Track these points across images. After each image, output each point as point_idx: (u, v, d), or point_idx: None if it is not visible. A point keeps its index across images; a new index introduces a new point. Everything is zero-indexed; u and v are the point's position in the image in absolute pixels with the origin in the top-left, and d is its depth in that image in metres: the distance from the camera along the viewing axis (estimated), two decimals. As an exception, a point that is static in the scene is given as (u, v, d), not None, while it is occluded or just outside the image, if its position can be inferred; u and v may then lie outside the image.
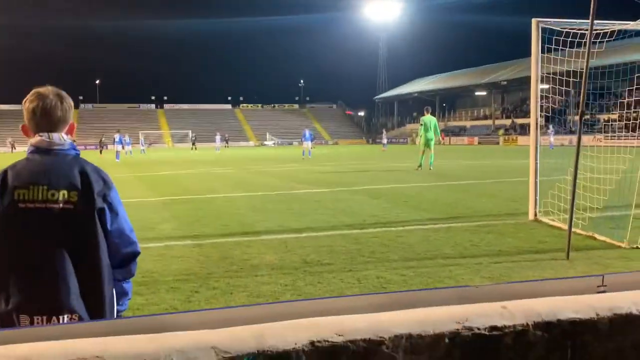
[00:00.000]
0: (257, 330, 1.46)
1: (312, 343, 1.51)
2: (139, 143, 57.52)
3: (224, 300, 4.93)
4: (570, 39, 8.12)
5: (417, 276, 5.58)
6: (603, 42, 7.59)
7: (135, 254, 2.44)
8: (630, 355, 1.84)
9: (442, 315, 1.73)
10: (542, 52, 8.77)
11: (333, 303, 1.84)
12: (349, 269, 5.91)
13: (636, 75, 10.60)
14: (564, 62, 8.60)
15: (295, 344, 1.48)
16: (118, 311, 2.43)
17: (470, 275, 5.59)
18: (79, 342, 1.30)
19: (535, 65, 8.83)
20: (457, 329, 1.72)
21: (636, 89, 8.08)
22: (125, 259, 2.39)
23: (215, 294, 5.14)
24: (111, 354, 1.26)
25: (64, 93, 2.36)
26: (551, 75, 9.10)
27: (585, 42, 7.73)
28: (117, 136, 40.81)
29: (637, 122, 10.28)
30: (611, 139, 10.83)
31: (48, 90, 2.32)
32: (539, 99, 8.92)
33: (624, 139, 10.31)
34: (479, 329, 1.70)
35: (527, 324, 1.72)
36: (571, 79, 8.96)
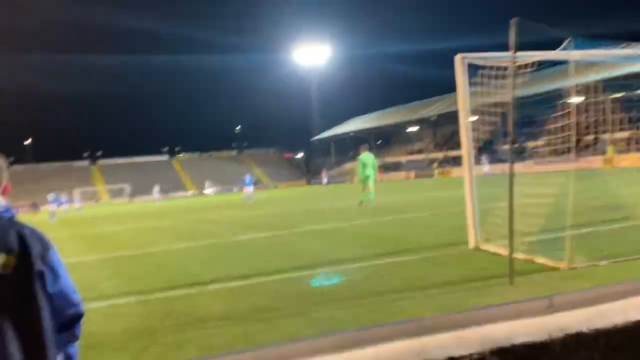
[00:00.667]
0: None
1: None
2: (74, 201, 55.79)
3: (173, 357, 4.78)
4: (495, 72, 8.49)
5: (369, 313, 5.58)
6: (526, 72, 7.96)
7: (79, 315, 2.33)
8: (584, 373, 1.88)
9: (399, 349, 1.73)
10: (468, 86, 9.12)
11: (292, 347, 1.82)
12: (301, 312, 5.85)
13: (557, 102, 11.15)
14: (490, 95, 8.95)
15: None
16: None
17: (420, 307, 5.63)
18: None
19: (462, 98, 9.16)
20: (416, 363, 1.72)
21: (560, 115, 8.47)
22: (68, 322, 2.28)
23: (164, 351, 4.97)
24: None
25: None
26: (480, 108, 9.44)
27: (508, 75, 8.12)
28: (51, 196, 39.59)
29: (564, 146, 10.77)
30: (540, 165, 11.28)
31: None
32: (470, 131, 9.23)
33: (553, 164, 10.76)
34: (437, 360, 1.71)
35: (484, 352, 1.75)
36: (497, 110, 9.34)
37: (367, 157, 22.14)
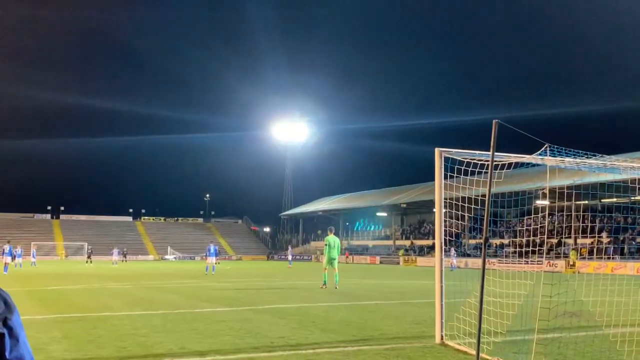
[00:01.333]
0: None
1: None
2: (30, 255, 54.04)
3: None
4: (469, 168, 8.67)
5: (329, 405, 5.36)
6: (502, 172, 8.15)
7: None
8: None
9: None
10: (445, 178, 9.27)
11: None
12: (258, 397, 5.61)
13: (526, 205, 11.36)
14: (462, 189, 9.10)
15: None
16: None
17: (382, 403, 5.45)
18: None
19: (438, 190, 9.28)
20: None
21: (528, 217, 8.60)
22: None
23: None
24: None
25: None
26: (448, 201, 9.57)
27: (482, 172, 8.30)
28: (6, 247, 38.36)
29: (530, 248, 10.91)
30: (505, 264, 11.36)
31: None
32: (443, 223, 9.30)
33: (516, 264, 10.83)
34: None
35: None
36: (467, 205, 9.48)
37: (333, 239, 22.20)
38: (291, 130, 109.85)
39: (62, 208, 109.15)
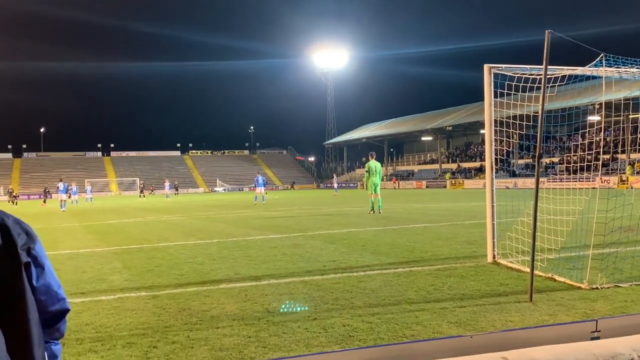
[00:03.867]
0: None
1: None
2: (85, 192, 56.02)
3: (184, 356, 4.68)
4: (520, 84, 8.34)
5: (383, 323, 5.45)
6: (554, 86, 7.83)
7: (65, 311, 2.19)
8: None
9: (442, 369, 1.62)
10: (494, 97, 8.98)
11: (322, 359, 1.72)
12: (314, 317, 5.74)
13: (579, 120, 10.96)
14: (512, 106, 8.81)
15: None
16: None
17: (437, 320, 5.50)
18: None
19: (488, 108, 9.02)
20: (460, 384, 1.61)
21: (577, 133, 8.31)
22: (53, 318, 2.16)
23: (174, 349, 4.87)
24: None
25: None
26: (498, 119, 9.30)
27: (534, 87, 7.98)
28: (61, 185, 39.67)
29: (584, 164, 10.61)
30: (556, 182, 11.10)
31: None
32: (493, 143, 9.08)
33: (569, 182, 10.57)
34: (481, 382, 1.60)
35: (531, 376, 1.63)
36: (518, 122, 9.19)
37: (374, 165, 21.99)
38: (333, 57, 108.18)
39: (112, 145, 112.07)
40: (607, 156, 49.27)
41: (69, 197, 41.70)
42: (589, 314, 5.51)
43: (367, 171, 22.14)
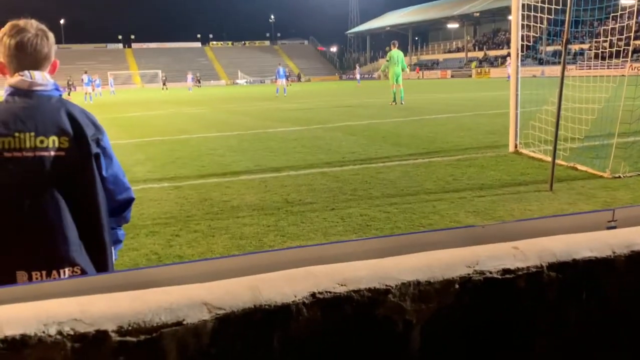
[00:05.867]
0: (251, 283, 1.31)
1: (312, 295, 1.36)
2: (108, 84, 56.04)
3: (205, 244, 4.80)
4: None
5: (400, 212, 5.50)
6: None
7: (131, 199, 2.29)
8: (645, 293, 1.74)
9: (451, 258, 1.60)
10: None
11: (331, 249, 1.70)
12: (332, 208, 5.80)
13: (606, 4, 10.39)
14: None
15: (295, 296, 1.33)
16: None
17: (454, 209, 5.53)
18: (53, 303, 1.13)
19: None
20: (468, 274, 1.59)
21: (608, 18, 7.88)
22: (121, 206, 2.25)
23: (196, 237, 5.00)
24: (91, 316, 1.10)
25: (45, 27, 2.10)
26: (526, 3, 8.85)
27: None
28: (85, 77, 39.59)
29: (613, 50, 10.15)
30: (584, 69, 10.70)
31: (30, 23, 2.03)
32: (520, 28, 8.70)
33: (597, 69, 10.18)
34: (490, 272, 1.58)
35: (541, 265, 1.60)
36: (547, 6, 8.74)
37: (396, 54, 21.38)
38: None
39: (132, 37, 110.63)
40: (639, 42, 47.32)
41: (93, 89, 41.75)
42: (609, 202, 5.49)
43: (388, 60, 21.62)
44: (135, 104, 33.15)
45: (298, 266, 1.42)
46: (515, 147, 8.73)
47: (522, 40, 8.92)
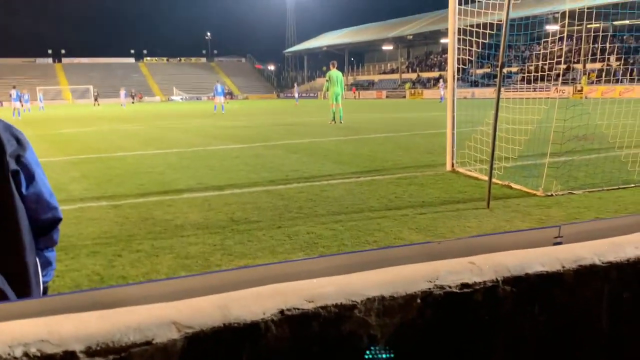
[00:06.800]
0: (220, 301, 1.32)
1: (281, 312, 1.38)
2: (37, 99, 54.06)
3: (149, 264, 4.71)
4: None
5: (346, 230, 5.56)
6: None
7: (57, 220, 2.16)
8: (593, 305, 1.84)
9: (412, 274, 1.65)
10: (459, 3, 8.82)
11: (298, 266, 1.73)
12: (278, 226, 5.81)
13: (538, 29, 10.91)
14: (475, 14, 8.68)
15: (264, 313, 1.34)
16: (44, 282, 2.20)
17: (398, 227, 5.64)
18: (18, 324, 1.10)
19: (452, 16, 8.89)
20: (429, 288, 1.65)
21: (535, 43, 8.28)
22: (45, 226, 2.12)
23: (139, 257, 4.89)
24: (58, 336, 1.08)
25: None
26: (461, 27, 9.18)
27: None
28: (13, 92, 38.02)
29: (538, 74, 10.67)
30: (513, 91, 11.18)
31: None
32: (456, 52, 9.02)
33: (525, 91, 10.66)
34: (450, 287, 1.64)
35: (497, 280, 1.68)
36: (481, 31, 9.10)
37: (335, 74, 21.72)
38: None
39: (63, 51, 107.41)
40: (564, 66, 49.78)
41: (22, 105, 40.20)
42: (544, 220, 5.73)
43: (327, 80, 21.92)
44: (66, 120, 32.13)
45: (266, 283, 1.44)
46: (452, 166, 9.00)
47: (457, 63, 9.24)
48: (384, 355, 1.69)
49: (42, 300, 1.31)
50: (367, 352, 1.71)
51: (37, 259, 2.12)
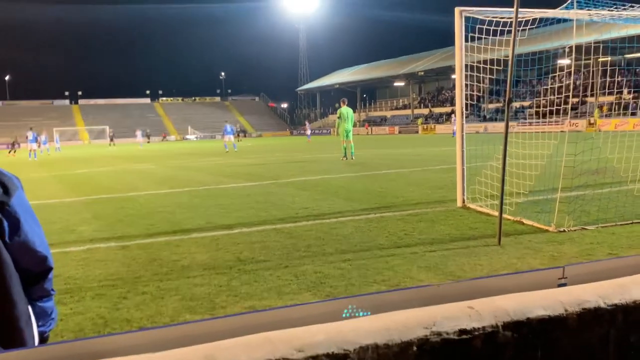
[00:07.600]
0: (207, 351, 1.27)
1: (269, 362, 1.33)
2: (54, 141, 54.89)
3: (154, 306, 4.65)
4: (491, 27, 8.23)
5: (354, 269, 5.48)
6: (525, 29, 7.74)
7: (47, 270, 2.04)
8: (598, 350, 1.77)
9: (408, 320, 1.59)
10: (465, 40, 8.86)
11: (288, 313, 1.67)
12: (285, 265, 5.74)
13: (549, 64, 10.91)
14: (483, 51, 8.71)
15: (251, 364, 1.30)
16: (43, 333, 2.09)
17: (407, 265, 5.55)
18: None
19: (458, 52, 8.92)
20: (426, 335, 1.59)
21: (547, 77, 8.28)
22: (35, 276, 2.02)
23: (145, 300, 4.84)
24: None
25: None
26: (469, 64, 9.21)
27: (505, 31, 7.89)
28: (30, 134, 38.67)
29: (553, 108, 10.62)
30: (525, 126, 11.14)
31: None
32: (464, 88, 9.03)
33: (538, 125, 10.63)
34: (447, 333, 1.58)
35: (497, 325, 1.61)
36: (488, 66, 9.12)
37: (346, 111, 21.90)
38: (304, 0, 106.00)
39: (79, 93, 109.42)
40: (576, 99, 49.70)
41: (39, 146, 40.78)
42: (556, 256, 5.62)
43: (339, 117, 22.07)
44: (82, 160, 32.50)
45: (255, 331, 1.39)
46: (463, 201, 8.91)
47: (466, 98, 9.24)
48: (378, 407, 1.62)
49: (17, 353, 1.27)
50: (361, 403, 1.63)
51: (31, 309, 2.02)
